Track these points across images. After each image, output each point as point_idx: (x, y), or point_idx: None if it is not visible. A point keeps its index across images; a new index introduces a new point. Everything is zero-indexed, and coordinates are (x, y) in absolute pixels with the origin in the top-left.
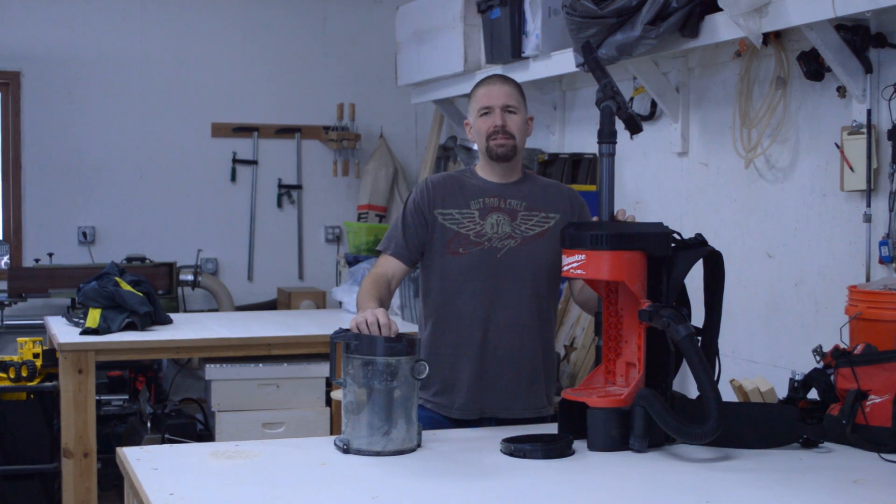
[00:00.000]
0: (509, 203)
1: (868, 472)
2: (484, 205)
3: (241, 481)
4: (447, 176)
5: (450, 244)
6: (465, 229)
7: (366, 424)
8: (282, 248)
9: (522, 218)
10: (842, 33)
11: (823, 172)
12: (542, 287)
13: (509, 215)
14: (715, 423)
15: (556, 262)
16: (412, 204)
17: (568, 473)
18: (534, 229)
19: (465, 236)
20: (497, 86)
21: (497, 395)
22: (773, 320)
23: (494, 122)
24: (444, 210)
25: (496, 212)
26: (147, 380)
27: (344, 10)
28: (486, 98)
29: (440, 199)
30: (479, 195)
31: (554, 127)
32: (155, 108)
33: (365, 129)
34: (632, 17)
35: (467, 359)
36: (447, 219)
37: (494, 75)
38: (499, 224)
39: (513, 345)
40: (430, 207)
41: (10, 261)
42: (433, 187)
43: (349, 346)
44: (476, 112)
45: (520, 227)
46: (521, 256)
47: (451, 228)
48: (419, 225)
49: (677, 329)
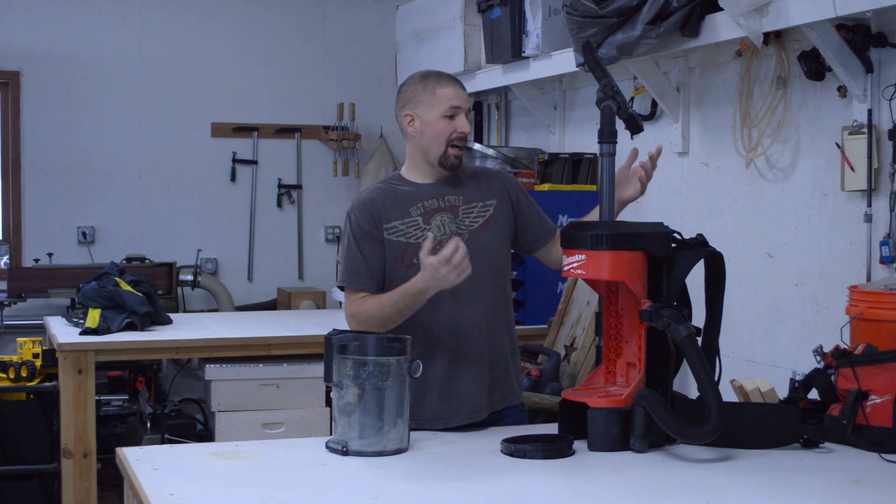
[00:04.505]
0: (447, 200)
1: (868, 473)
2: (424, 209)
3: (241, 482)
4: (377, 190)
5: (402, 257)
6: (413, 238)
7: (362, 425)
8: (282, 248)
9: (464, 212)
10: (842, 33)
11: (824, 172)
12: (500, 275)
13: (451, 212)
14: (715, 423)
15: (504, 247)
16: (358, 230)
17: (568, 474)
18: (477, 221)
19: (416, 245)
20: (460, 88)
21: (473, 398)
22: (774, 320)
23: (463, 129)
24: (387, 224)
25: (438, 213)
26: (147, 380)
27: (344, 10)
28: (455, 99)
29: (381, 214)
30: (416, 200)
31: (554, 127)
32: (155, 108)
33: (365, 129)
34: (632, 16)
35: (438, 367)
36: (392, 232)
37: (449, 75)
38: (444, 224)
39: (483, 343)
40: (376, 227)
41: (9, 261)
42: (371, 205)
43: (342, 347)
44: (439, 110)
45: (463, 221)
46: (472, 251)
47: (398, 241)
48: (374, 249)
49: (678, 329)
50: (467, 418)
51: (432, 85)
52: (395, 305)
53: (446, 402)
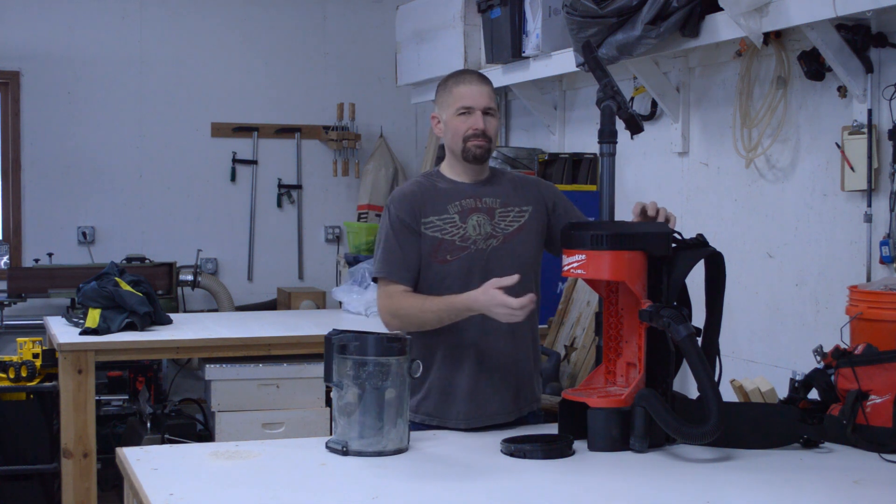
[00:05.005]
0: (485, 202)
1: (868, 473)
2: (462, 207)
3: (241, 482)
4: (417, 183)
5: (436, 252)
6: (449, 235)
7: (362, 425)
8: (282, 248)
9: (500, 215)
10: (842, 33)
11: (824, 172)
12: (529, 281)
13: (488, 214)
14: (715, 423)
15: (536, 254)
16: (397, 221)
17: (568, 474)
18: (512, 225)
19: (451, 242)
20: (477, 86)
21: (497, 402)
22: (774, 320)
23: (476, 125)
24: (425, 219)
25: (475, 212)
26: (147, 380)
27: (344, 9)
28: (466, 97)
29: (420, 208)
30: (454, 198)
31: (554, 127)
32: (155, 108)
33: (365, 128)
34: (632, 16)
35: (466, 367)
36: (429, 227)
37: (470, 72)
38: (480, 225)
39: (508, 344)
40: (415, 219)
41: (9, 261)
42: (412, 197)
43: (342, 347)
44: (453, 109)
45: (499, 224)
46: (505, 254)
47: (434, 237)
48: (413, 242)
49: (678, 329)
50: (491, 419)
51: (451, 85)
52: (438, 314)
53: (474, 405)
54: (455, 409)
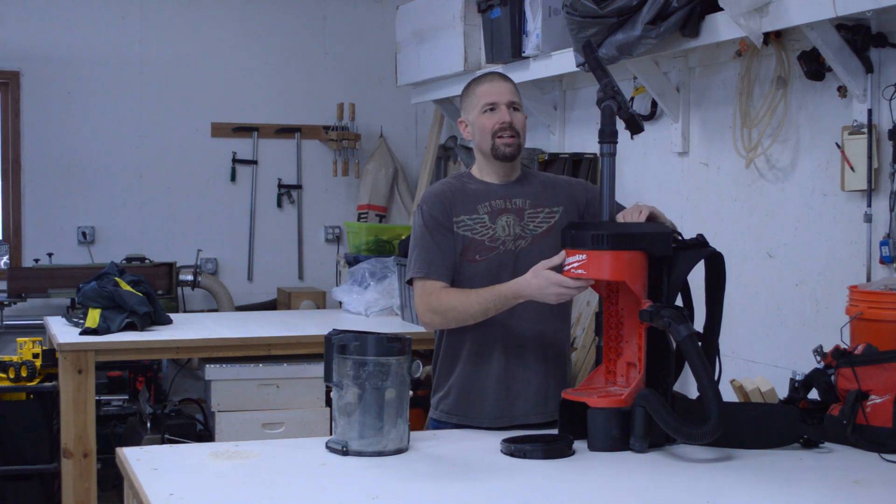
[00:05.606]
0: (514, 202)
1: (868, 473)
2: (492, 208)
3: (241, 482)
4: (447, 183)
5: (466, 252)
6: (479, 235)
7: (362, 425)
8: (282, 248)
9: (529, 216)
10: (842, 33)
11: (824, 172)
12: None
13: (517, 215)
14: (715, 423)
15: None
16: (430, 220)
17: (568, 474)
18: (542, 226)
19: (480, 242)
20: (499, 82)
21: (526, 402)
22: (774, 320)
23: (502, 119)
24: (456, 218)
25: (505, 213)
26: (147, 380)
27: (344, 9)
28: (490, 94)
29: (451, 207)
30: (484, 198)
31: (554, 127)
32: (154, 108)
33: (365, 128)
34: (632, 16)
35: (493, 367)
36: (460, 226)
37: (493, 72)
38: (509, 225)
39: (537, 345)
40: (448, 217)
41: (9, 261)
42: (443, 196)
43: (342, 347)
44: (478, 109)
45: (528, 225)
46: (534, 255)
47: (464, 236)
48: (447, 239)
49: (678, 329)
50: (520, 419)
51: (473, 86)
52: (484, 304)
53: (503, 402)
54: (481, 408)
